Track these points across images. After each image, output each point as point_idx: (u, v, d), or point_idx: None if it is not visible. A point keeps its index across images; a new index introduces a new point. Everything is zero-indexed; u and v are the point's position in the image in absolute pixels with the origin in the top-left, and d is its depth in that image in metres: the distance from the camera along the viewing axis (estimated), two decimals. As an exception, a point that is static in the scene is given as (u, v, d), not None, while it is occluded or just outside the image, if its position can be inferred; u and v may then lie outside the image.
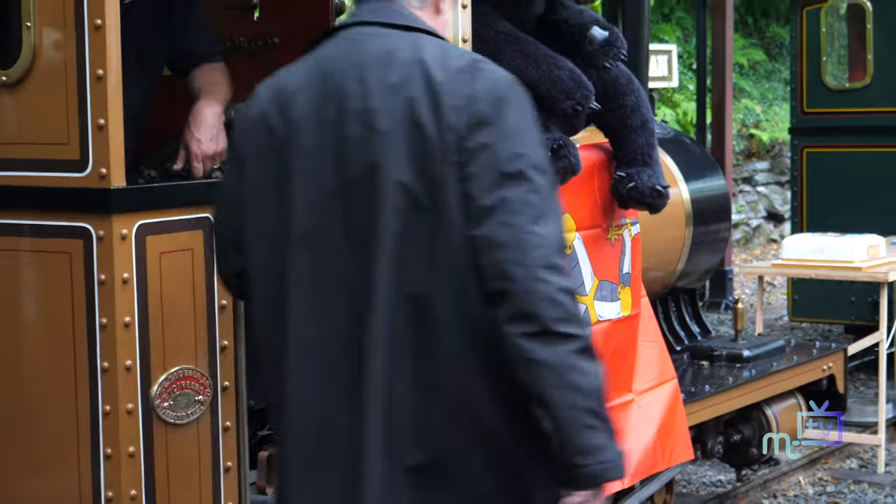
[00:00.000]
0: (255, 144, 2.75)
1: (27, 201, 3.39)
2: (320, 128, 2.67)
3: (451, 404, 2.62)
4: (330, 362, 2.66)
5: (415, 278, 2.59)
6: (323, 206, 2.65)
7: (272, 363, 2.76)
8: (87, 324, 3.29)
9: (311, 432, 2.68)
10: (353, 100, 2.65)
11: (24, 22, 3.33)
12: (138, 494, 3.32)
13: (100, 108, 3.24)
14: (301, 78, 2.75)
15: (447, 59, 2.66)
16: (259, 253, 2.75)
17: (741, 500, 6.55)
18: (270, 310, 2.73)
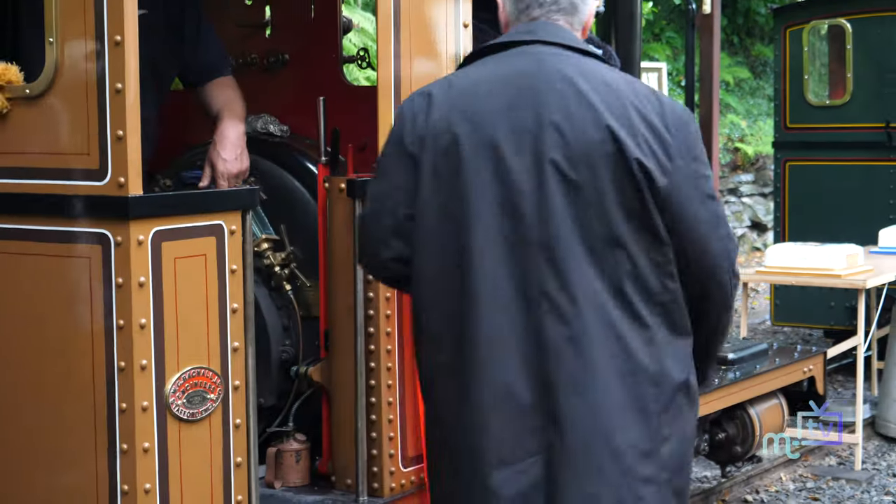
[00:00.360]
0: (438, 144, 2.93)
1: (49, 208, 3.39)
2: (518, 134, 2.87)
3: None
4: (517, 341, 2.87)
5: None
6: (518, 196, 2.86)
7: (448, 346, 2.94)
8: (105, 324, 3.29)
9: (509, 405, 2.86)
10: (551, 112, 2.87)
11: (46, 38, 3.33)
12: (152, 488, 3.31)
13: (119, 120, 3.24)
14: (487, 86, 2.94)
15: (634, 84, 2.97)
16: (436, 240, 2.94)
17: (725, 495, 6.55)
18: (445, 294, 2.94)
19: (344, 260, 3.96)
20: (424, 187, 2.96)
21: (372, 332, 3.93)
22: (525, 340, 2.88)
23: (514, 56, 2.99)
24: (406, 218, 2.99)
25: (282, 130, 4.68)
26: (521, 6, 3.06)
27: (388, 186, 3.03)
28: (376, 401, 3.94)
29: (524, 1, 3.06)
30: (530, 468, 2.89)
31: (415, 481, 4.03)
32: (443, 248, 2.95)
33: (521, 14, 3.06)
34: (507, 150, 2.89)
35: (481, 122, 2.91)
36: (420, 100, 3.01)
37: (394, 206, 3.01)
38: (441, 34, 4.06)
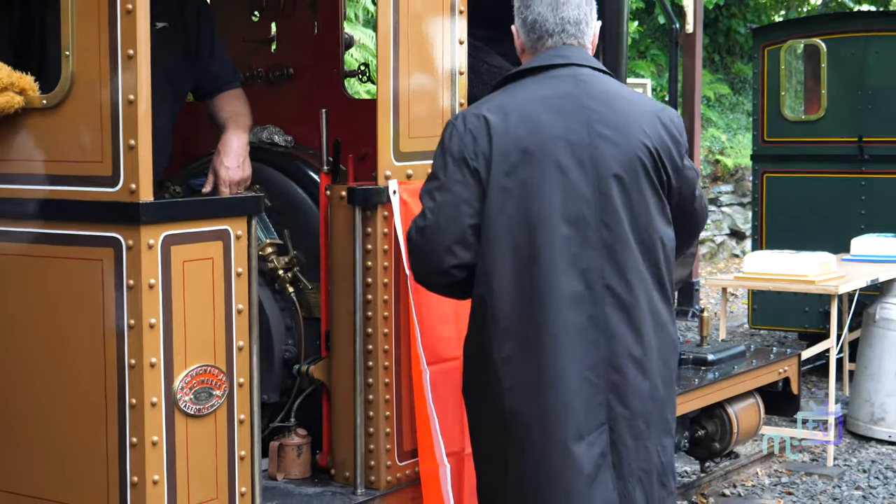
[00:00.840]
0: (507, 161, 3.13)
1: (64, 213, 3.38)
2: (576, 148, 3.13)
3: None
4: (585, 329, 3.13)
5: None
6: (581, 203, 3.12)
7: (516, 338, 3.13)
8: (117, 324, 3.28)
9: (585, 386, 3.12)
10: (600, 127, 3.15)
11: (63, 51, 3.32)
12: (160, 479, 3.30)
13: (131, 130, 3.23)
14: (538, 106, 3.17)
15: (644, 97, 3.33)
16: (507, 246, 3.12)
17: (704, 489, 6.54)
18: (516, 294, 3.13)
19: (344, 264, 3.95)
20: (493, 200, 3.13)
21: (370, 332, 3.92)
22: (594, 328, 3.13)
23: (552, 79, 3.22)
24: (471, 228, 3.15)
25: (286, 140, 4.67)
26: (534, 36, 3.27)
27: (452, 199, 3.16)
28: (374, 398, 3.93)
29: (537, 31, 3.26)
30: (598, 438, 3.14)
31: (410, 475, 4.02)
32: (515, 252, 3.12)
33: (538, 42, 3.27)
34: (569, 163, 3.13)
35: (543, 139, 3.13)
36: (476, 121, 3.16)
37: (459, 216, 3.15)
38: (437, 50, 4.06)
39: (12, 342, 3.51)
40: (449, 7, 4.08)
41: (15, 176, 3.47)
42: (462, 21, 4.12)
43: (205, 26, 4.26)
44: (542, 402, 3.12)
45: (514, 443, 3.16)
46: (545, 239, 3.11)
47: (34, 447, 3.48)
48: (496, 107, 3.19)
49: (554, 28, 3.25)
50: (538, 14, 3.26)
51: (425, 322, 3.92)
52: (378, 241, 3.90)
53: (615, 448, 3.16)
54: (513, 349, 3.15)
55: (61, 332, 3.41)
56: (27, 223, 3.45)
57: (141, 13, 3.22)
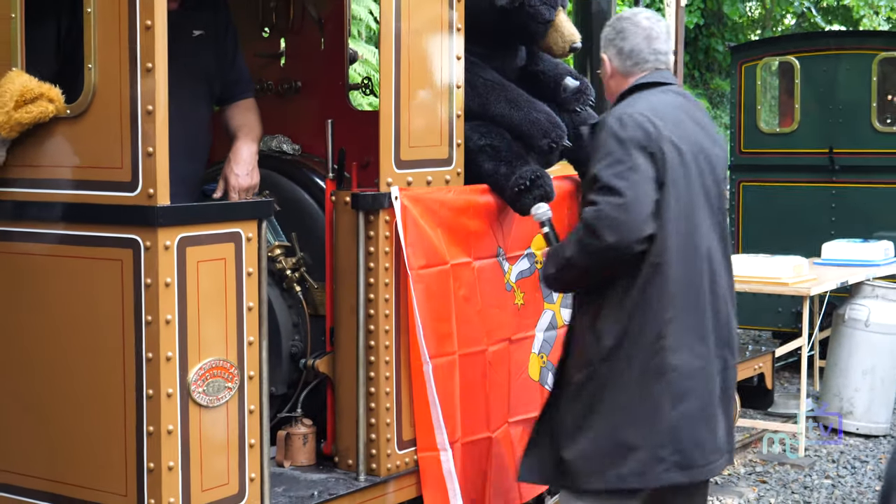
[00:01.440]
0: (670, 154, 3.59)
1: (86, 216, 3.38)
2: (700, 149, 3.70)
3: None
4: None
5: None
6: (711, 193, 3.71)
7: (679, 304, 3.60)
8: (135, 320, 3.28)
9: (714, 336, 3.70)
10: (707, 133, 3.77)
11: (85, 63, 3.32)
12: (175, 466, 3.30)
13: (149, 139, 3.23)
14: (673, 114, 3.68)
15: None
16: (676, 222, 3.57)
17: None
18: (682, 266, 3.60)
19: (348, 265, 3.95)
20: (668, 183, 3.57)
21: (372, 329, 3.92)
22: (718, 297, 3.71)
23: (666, 93, 3.75)
24: (655, 203, 3.54)
25: (294, 149, 4.67)
26: (630, 63, 3.78)
27: (642, 177, 3.53)
28: (375, 390, 3.93)
29: (633, 59, 3.78)
30: (716, 365, 3.71)
31: (408, 463, 4.02)
32: (680, 231, 3.59)
33: (634, 67, 3.78)
34: (700, 160, 3.68)
35: (686, 140, 3.64)
36: (641, 118, 3.59)
37: (650, 191, 3.53)
38: (437, 65, 4.06)
39: (37, 336, 3.51)
40: (447, 25, 4.08)
41: (42, 181, 3.47)
42: (459, 38, 4.12)
43: (230, 36, 4.24)
44: (700, 359, 3.63)
45: (675, 392, 3.58)
46: (697, 222, 3.63)
47: (58, 435, 3.48)
48: (647, 109, 3.63)
49: (648, 57, 3.76)
50: (635, 45, 3.76)
51: (426, 319, 3.92)
52: (380, 244, 3.90)
53: (724, 368, 3.73)
54: (676, 312, 3.58)
55: (83, 327, 3.40)
56: (52, 225, 3.45)
57: (159, 29, 3.22)
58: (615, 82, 3.81)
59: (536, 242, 4.46)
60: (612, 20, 3.91)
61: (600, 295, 3.64)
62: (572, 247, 3.61)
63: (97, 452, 3.39)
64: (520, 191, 4.16)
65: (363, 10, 10.10)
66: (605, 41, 3.83)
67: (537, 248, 4.46)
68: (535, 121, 4.27)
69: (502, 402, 4.30)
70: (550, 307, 4.55)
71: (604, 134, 3.60)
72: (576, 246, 3.59)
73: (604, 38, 3.84)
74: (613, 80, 3.81)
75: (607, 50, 3.82)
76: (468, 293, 4.11)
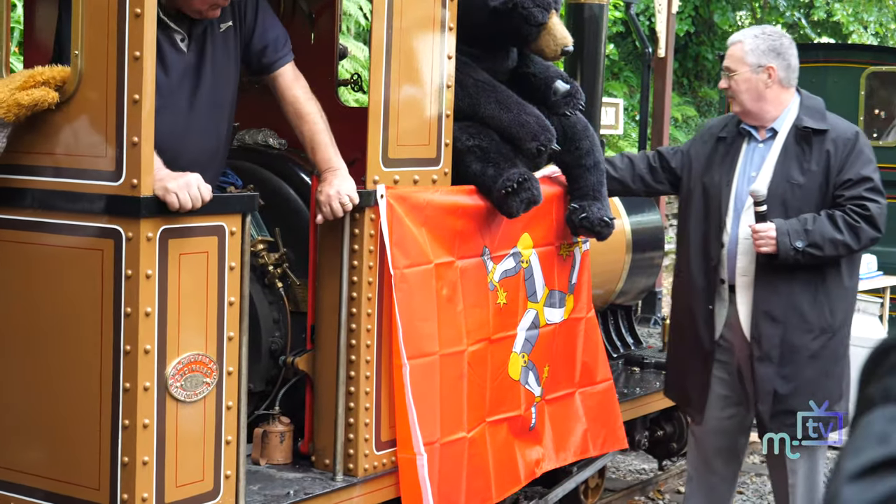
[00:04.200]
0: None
1: (68, 204, 3.34)
2: None
3: None
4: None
5: None
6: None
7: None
8: (114, 311, 3.25)
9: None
10: None
11: (72, 50, 3.29)
12: (150, 461, 3.27)
13: (135, 128, 3.20)
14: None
15: None
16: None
17: (661, 486, 6.53)
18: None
19: (331, 262, 3.92)
20: None
21: (354, 328, 3.90)
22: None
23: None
24: None
25: (280, 144, 4.64)
26: (794, 76, 4.57)
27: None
28: (355, 390, 3.91)
29: (795, 72, 4.58)
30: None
31: (386, 464, 4.00)
32: None
33: (794, 79, 4.57)
34: None
35: None
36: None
37: None
38: (427, 64, 4.04)
39: (14, 325, 3.47)
40: (439, 24, 4.06)
41: (24, 167, 3.43)
42: (451, 37, 4.10)
43: (251, 7, 3.91)
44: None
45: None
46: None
47: (32, 426, 3.44)
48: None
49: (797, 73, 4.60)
50: (796, 63, 4.57)
51: (406, 318, 3.90)
52: (364, 242, 3.87)
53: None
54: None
55: (61, 316, 3.37)
56: (33, 213, 3.41)
57: (148, 17, 3.19)
58: (773, 92, 4.52)
59: (523, 242, 4.45)
60: (769, 31, 4.63)
61: (821, 274, 4.47)
62: (845, 231, 4.37)
63: (71, 445, 3.36)
64: (507, 193, 4.15)
65: (353, 6, 10.07)
66: (767, 50, 4.50)
67: (524, 248, 4.45)
68: (524, 123, 4.26)
69: (480, 402, 4.28)
70: (534, 306, 4.54)
71: (860, 142, 4.51)
72: (851, 231, 4.38)
73: (766, 48, 4.51)
74: (772, 90, 4.51)
75: (774, 60, 4.50)
76: (451, 293, 4.10)
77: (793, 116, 4.59)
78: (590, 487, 5.71)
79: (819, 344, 4.50)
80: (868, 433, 1.10)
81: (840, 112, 8.96)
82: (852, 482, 1.06)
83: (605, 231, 4.62)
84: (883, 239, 8.59)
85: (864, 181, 4.43)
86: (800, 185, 4.48)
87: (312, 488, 3.82)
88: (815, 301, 4.48)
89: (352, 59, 9.68)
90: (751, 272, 4.53)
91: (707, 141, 4.77)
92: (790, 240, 4.34)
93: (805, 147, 4.52)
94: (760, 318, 4.49)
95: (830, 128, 4.56)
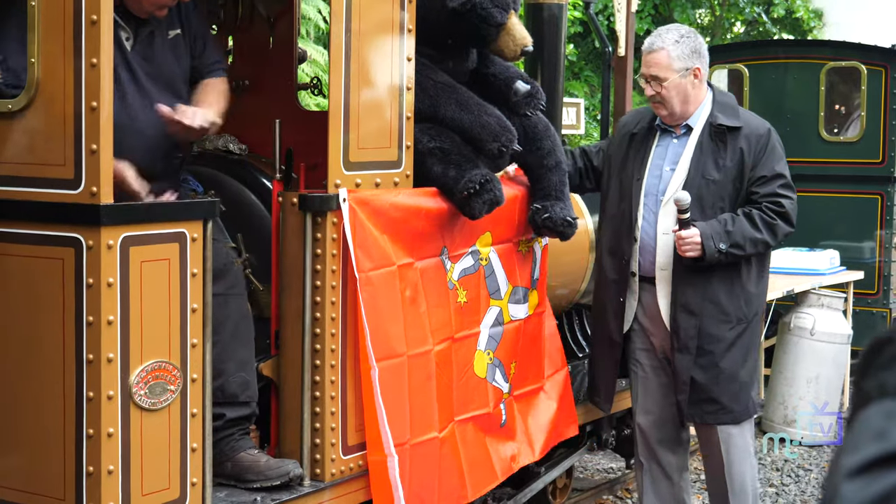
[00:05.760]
0: None
1: (27, 213, 3.34)
2: None
3: None
4: None
5: None
6: None
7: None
8: (76, 321, 3.24)
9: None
10: None
11: (28, 57, 3.28)
12: (115, 470, 3.27)
13: (93, 136, 3.20)
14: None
15: None
16: None
17: (629, 484, 6.57)
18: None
19: (294, 267, 3.93)
20: None
21: (318, 332, 3.91)
22: None
23: None
24: None
25: (240, 149, 4.64)
26: (706, 73, 4.73)
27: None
28: (320, 395, 3.92)
29: (707, 70, 4.75)
30: None
31: (353, 468, 4.01)
32: None
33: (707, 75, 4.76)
34: None
35: None
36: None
37: None
38: (386, 67, 4.05)
39: (-26, 336, 3.46)
40: (398, 26, 4.08)
41: (-20, 177, 3.42)
42: (410, 39, 4.12)
43: (197, 20, 4.09)
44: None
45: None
46: None
47: (-7, 437, 3.43)
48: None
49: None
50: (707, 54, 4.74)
51: (373, 321, 3.92)
52: (327, 246, 3.89)
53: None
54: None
55: (22, 326, 3.36)
56: (-9, 222, 3.40)
57: (105, 24, 3.19)
58: (696, 91, 4.67)
59: (483, 240, 4.48)
60: (685, 32, 4.68)
61: (737, 268, 4.64)
62: (763, 230, 4.57)
63: (35, 455, 3.35)
64: (469, 195, 4.17)
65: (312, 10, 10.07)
66: (691, 53, 4.61)
67: (483, 246, 4.48)
68: (485, 124, 4.28)
69: (448, 402, 4.31)
70: (497, 303, 4.57)
71: (772, 138, 4.66)
72: (768, 229, 4.58)
73: (689, 50, 4.61)
74: (696, 90, 4.67)
75: (697, 61, 4.63)
76: (414, 294, 4.12)
77: (706, 112, 4.76)
78: (558, 487, 5.74)
79: (735, 333, 4.71)
80: (865, 429, 1.10)
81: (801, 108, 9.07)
82: (851, 479, 1.06)
83: (568, 231, 4.65)
84: (846, 234, 8.73)
85: (778, 178, 4.67)
86: (714, 181, 4.66)
87: (279, 494, 3.83)
88: (732, 293, 4.68)
89: (311, 63, 9.68)
90: (669, 267, 4.72)
91: (622, 138, 4.94)
92: (714, 243, 4.54)
93: (719, 144, 4.69)
94: (678, 311, 4.69)
95: (744, 124, 4.72)
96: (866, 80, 8.71)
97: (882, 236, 8.66)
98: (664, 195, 4.72)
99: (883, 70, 8.70)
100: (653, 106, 4.82)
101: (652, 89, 4.71)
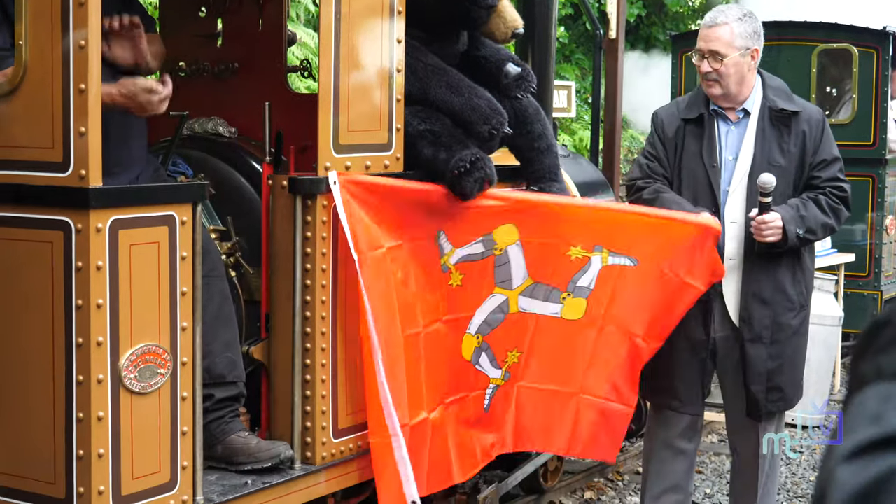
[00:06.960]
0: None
1: (15, 196, 3.33)
2: None
3: None
4: None
5: None
6: None
7: None
8: (65, 304, 3.24)
9: None
10: None
11: (16, 39, 3.27)
12: (105, 453, 3.27)
13: (81, 118, 3.19)
14: None
15: None
16: None
17: (620, 467, 6.60)
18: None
19: (285, 250, 3.93)
20: None
21: (308, 316, 3.91)
22: None
23: None
24: None
25: (230, 132, 4.63)
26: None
27: None
28: (311, 378, 3.92)
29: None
30: None
31: (343, 451, 4.02)
32: None
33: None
34: None
35: None
36: None
37: None
38: (376, 49, 4.05)
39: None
40: (388, 8, 4.07)
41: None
42: (400, 21, 4.11)
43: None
44: None
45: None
46: None
47: (-17, 421, 3.43)
48: None
49: None
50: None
51: (372, 301, 3.91)
52: (317, 229, 3.89)
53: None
54: None
55: (13, 310, 3.36)
56: (-21, 206, 3.39)
57: (93, 6, 3.18)
58: (752, 74, 4.61)
59: (502, 230, 4.39)
60: (747, 12, 4.63)
61: (798, 255, 4.64)
62: (830, 215, 4.58)
63: (25, 439, 3.35)
64: (460, 174, 4.16)
65: (302, -8, 10.04)
66: (752, 33, 4.56)
67: (502, 236, 4.40)
68: (475, 107, 4.28)
69: (438, 384, 4.30)
70: (505, 292, 4.50)
71: (826, 122, 4.63)
72: (834, 214, 4.58)
73: (751, 30, 4.56)
74: (752, 72, 4.60)
75: (757, 42, 4.57)
76: (405, 276, 4.12)
77: (759, 96, 4.66)
78: (549, 470, 5.76)
79: (799, 320, 4.73)
80: (861, 412, 1.09)
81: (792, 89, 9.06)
82: (847, 462, 1.05)
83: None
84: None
85: (836, 161, 4.65)
86: (781, 167, 4.56)
87: (270, 477, 3.83)
88: (795, 280, 4.66)
89: (301, 46, 9.66)
90: (739, 256, 4.59)
91: (673, 125, 4.73)
92: (794, 227, 4.50)
93: (782, 129, 4.60)
94: (750, 301, 4.59)
95: (802, 109, 4.66)
96: (858, 62, 8.71)
97: (873, 218, 8.67)
98: (730, 185, 4.60)
99: (874, 52, 8.70)
100: (705, 84, 4.62)
101: (709, 65, 4.54)
